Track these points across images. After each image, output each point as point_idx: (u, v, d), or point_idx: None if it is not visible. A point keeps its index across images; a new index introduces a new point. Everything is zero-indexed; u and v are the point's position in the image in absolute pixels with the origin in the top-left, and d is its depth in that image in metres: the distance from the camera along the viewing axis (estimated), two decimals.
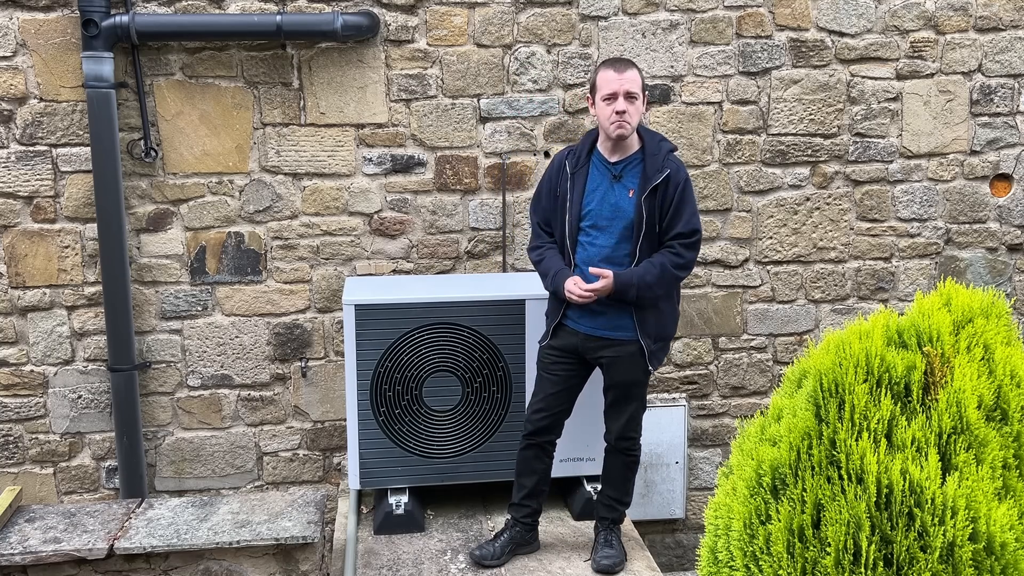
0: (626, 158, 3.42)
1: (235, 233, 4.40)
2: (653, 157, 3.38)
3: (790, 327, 4.80)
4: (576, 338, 3.50)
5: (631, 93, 3.29)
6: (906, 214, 4.75)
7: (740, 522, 2.46)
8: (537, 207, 3.61)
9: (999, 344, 2.53)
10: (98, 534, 3.40)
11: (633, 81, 3.30)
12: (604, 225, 3.40)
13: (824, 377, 2.47)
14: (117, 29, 4.03)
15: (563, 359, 3.55)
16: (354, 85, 4.35)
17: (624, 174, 3.40)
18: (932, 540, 2.17)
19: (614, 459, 3.66)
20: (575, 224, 3.42)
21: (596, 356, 3.52)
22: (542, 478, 3.68)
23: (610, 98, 3.30)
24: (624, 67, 3.33)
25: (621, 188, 3.40)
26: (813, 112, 4.61)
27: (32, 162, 4.22)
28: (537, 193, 3.64)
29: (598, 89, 3.34)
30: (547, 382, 3.59)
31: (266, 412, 4.56)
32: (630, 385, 3.52)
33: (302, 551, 3.45)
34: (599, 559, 3.64)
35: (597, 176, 3.43)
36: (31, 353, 4.37)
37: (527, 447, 3.65)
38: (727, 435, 4.86)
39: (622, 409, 3.56)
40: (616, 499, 3.70)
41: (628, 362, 3.47)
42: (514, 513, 3.73)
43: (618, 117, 3.29)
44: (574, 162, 3.46)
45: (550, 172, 3.56)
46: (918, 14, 4.57)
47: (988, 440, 2.32)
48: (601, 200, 3.40)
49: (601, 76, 3.34)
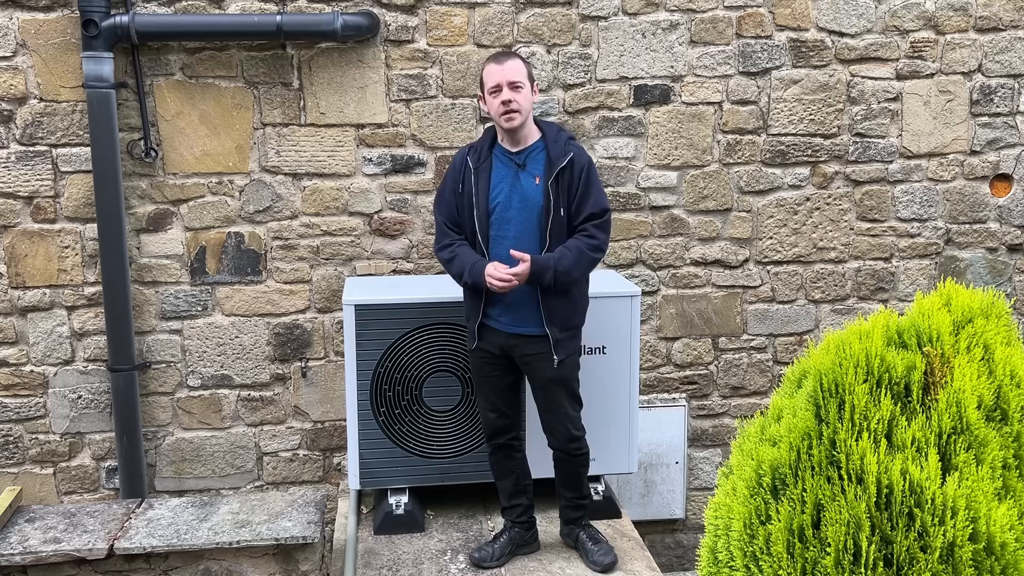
0: (528, 147, 3.43)
1: (235, 233, 4.40)
2: (555, 144, 3.41)
3: (790, 327, 4.80)
4: (500, 337, 3.49)
5: (514, 83, 3.31)
6: (906, 214, 4.75)
7: (740, 522, 2.46)
8: (441, 206, 3.56)
9: (999, 344, 2.53)
10: (98, 534, 3.40)
11: (515, 70, 3.32)
12: (513, 216, 3.40)
13: (824, 377, 2.46)
14: (117, 29, 4.03)
15: (494, 360, 3.53)
16: (354, 85, 4.35)
17: (527, 163, 3.42)
18: (932, 540, 2.17)
19: (565, 464, 3.63)
20: (484, 218, 3.41)
21: (519, 354, 3.50)
22: (520, 474, 3.69)
23: (495, 90, 3.32)
24: (505, 58, 3.37)
25: (527, 176, 3.41)
26: (813, 112, 4.61)
27: (32, 162, 4.22)
28: (440, 193, 3.59)
29: (484, 83, 3.37)
30: (487, 386, 3.57)
31: (266, 412, 4.56)
32: (551, 382, 3.49)
33: (302, 551, 3.45)
34: (597, 558, 3.64)
35: (501, 168, 3.43)
36: (31, 353, 4.37)
37: (493, 451, 3.66)
38: (727, 435, 4.86)
39: (553, 409, 3.53)
40: (577, 497, 3.72)
41: (543, 358, 3.45)
42: (508, 516, 3.74)
43: (505, 107, 3.31)
44: (476, 157, 3.45)
45: (452, 170, 3.53)
46: (918, 14, 4.57)
47: (988, 440, 2.32)
48: (509, 191, 3.40)
49: (485, 71, 3.38)
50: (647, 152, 4.55)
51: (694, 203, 4.63)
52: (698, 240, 4.66)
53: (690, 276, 4.67)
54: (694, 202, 4.63)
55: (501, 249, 3.40)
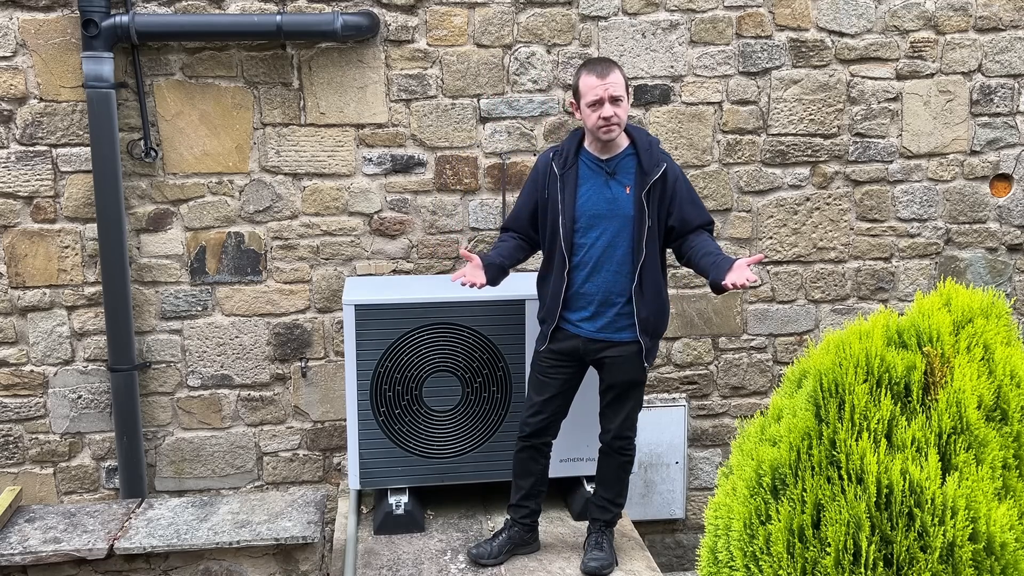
0: (617, 155, 3.39)
1: (235, 233, 4.40)
2: (647, 152, 3.37)
3: (790, 327, 4.80)
4: (577, 341, 3.49)
5: (616, 97, 3.26)
6: (906, 214, 4.75)
7: (740, 522, 2.46)
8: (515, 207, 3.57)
9: (999, 344, 2.53)
10: (98, 534, 3.40)
11: (617, 84, 3.26)
12: (602, 224, 3.37)
13: (824, 377, 2.47)
14: (117, 29, 4.03)
15: (562, 363, 3.53)
16: (354, 85, 4.35)
17: (617, 171, 3.38)
18: (932, 540, 2.17)
19: (609, 460, 3.64)
20: (570, 225, 3.37)
21: (597, 357, 3.51)
22: (539, 479, 3.67)
23: (595, 104, 3.26)
24: (606, 71, 3.27)
25: (616, 185, 3.37)
26: (813, 112, 4.61)
27: (32, 162, 4.22)
28: (519, 200, 3.55)
29: (582, 96, 3.30)
30: (545, 386, 3.56)
31: (266, 412, 4.56)
32: (630, 385, 3.52)
33: (302, 551, 3.45)
34: (587, 560, 3.63)
35: (589, 175, 3.39)
36: (31, 353, 4.37)
37: (523, 449, 3.64)
38: (727, 435, 4.86)
39: (620, 409, 3.55)
40: (610, 500, 3.68)
41: (629, 362, 3.47)
42: (512, 514, 3.73)
43: (606, 122, 3.27)
44: (562, 163, 3.41)
45: (535, 176, 3.49)
46: (918, 14, 4.57)
47: (988, 440, 2.32)
48: (596, 199, 3.38)
49: (584, 82, 3.29)
50: None
51: None
52: None
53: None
54: None
55: (587, 257, 3.38)
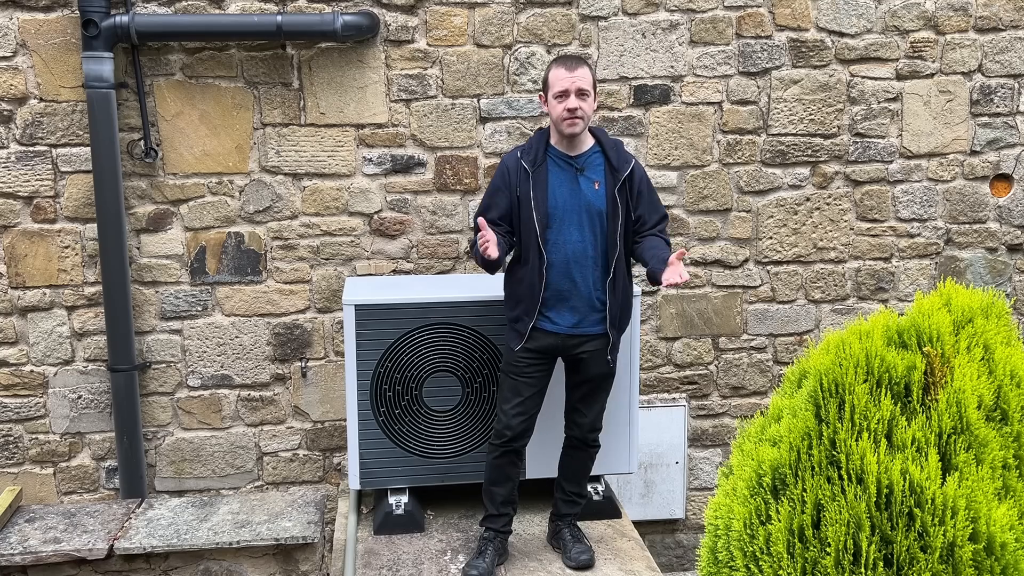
0: (585, 152, 3.44)
1: (235, 233, 4.40)
2: (614, 151, 3.45)
3: (790, 327, 4.80)
4: (554, 338, 3.49)
5: (582, 90, 3.31)
6: (906, 214, 4.75)
7: (740, 522, 2.46)
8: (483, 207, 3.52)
9: (999, 344, 2.53)
10: (98, 534, 3.40)
11: (584, 79, 3.32)
12: (573, 219, 3.40)
13: (824, 377, 2.47)
14: (117, 29, 4.03)
15: (538, 361, 3.53)
16: (354, 85, 4.35)
17: (587, 167, 3.43)
18: (932, 540, 2.17)
19: (579, 453, 3.68)
20: (544, 221, 3.40)
21: (574, 353, 3.52)
22: (516, 483, 3.66)
23: (562, 96, 3.31)
24: (575, 65, 3.34)
25: (586, 181, 3.41)
26: (813, 112, 4.61)
27: (32, 162, 4.22)
28: (487, 200, 3.51)
29: (550, 87, 3.35)
30: (522, 386, 3.54)
31: (266, 412, 4.56)
32: (604, 378, 3.58)
33: (302, 551, 3.45)
34: (575, 555, 3.63)
35: (558, 172, 3.42)
36: (31, 353, 4.37)
37: (502, 455, 3.56)
38: (727, 435, 4.86)
39: (594, 402, 3.61)
40: (578, 493, 3.73)
41: (601, 355, 3.52)
42: (492, 524, 3.65)
43: (570, 114, 3.31)
44: (531, 160, 3.43)
45: (503, 173, 3.48)
46: (918, 14, 4.57)
47: (988, 440, 2.32)
48: (568, 195, 3.40)
49: (552, 74, 3.35)
50: (647, 152, 4.55)
51: (694, 203, 4.63)
52: (698, 240, 4.66)
53: (690, 276, 4.67)
54: (694, 202, 4.63)
55: (562, 253, 3.40)
